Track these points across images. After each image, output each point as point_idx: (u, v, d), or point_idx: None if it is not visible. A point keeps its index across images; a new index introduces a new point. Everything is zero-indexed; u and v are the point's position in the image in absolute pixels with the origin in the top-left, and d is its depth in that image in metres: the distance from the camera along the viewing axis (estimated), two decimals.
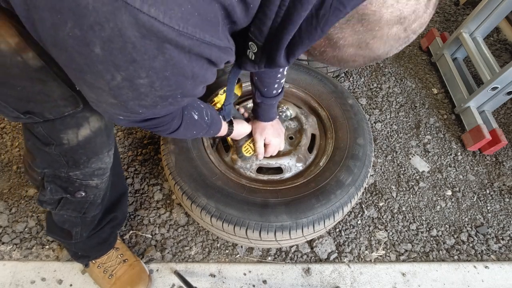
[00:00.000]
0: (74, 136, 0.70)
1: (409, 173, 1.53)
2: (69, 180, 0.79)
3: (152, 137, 1.54)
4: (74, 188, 0.81)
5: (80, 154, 0.74)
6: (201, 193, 1.02)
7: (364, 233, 1.33)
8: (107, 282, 1.10)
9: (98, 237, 1.05)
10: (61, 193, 0.81)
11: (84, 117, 0.70)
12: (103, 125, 0.75)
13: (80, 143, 0.72)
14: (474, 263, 1.30)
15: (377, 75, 1.90)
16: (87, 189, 0.83)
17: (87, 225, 0.98)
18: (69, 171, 0.77)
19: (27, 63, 0.56)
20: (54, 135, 0.69)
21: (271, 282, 1.19)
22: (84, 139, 0.72)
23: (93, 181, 0.82)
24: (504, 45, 2.14)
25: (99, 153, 0.78)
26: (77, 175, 0.79)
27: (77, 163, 0.76)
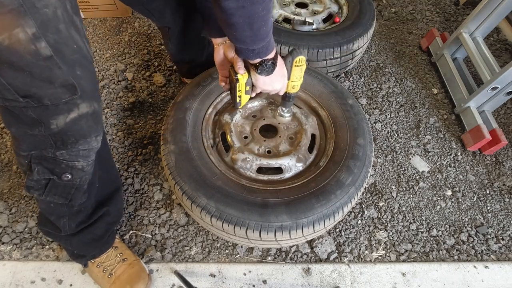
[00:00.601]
0: (63, 120, 0.74)
1: (409, 173, 1.53)
2: (56, 161, 0.82)
3: (152, 137, 1.54)
4: (60, 170, 0.83)
5: (68, 135, 0.78)
6: (201, 193, 1.02)
7: (364, 233, 1.33)
8: (106, 281, 1.10)
9: (91, 233, 1.05)
10: (48, 174, 0.83)
11: (76, 103, 0.74)
12: (91, 111, 0.78)
13: (68, 125, 0.75)
14: (474, 263, 1.30)
15: (377, 75, 1.90)
16: (73, 172, 0.85)
17: (74, 214, 0.98)
18: (56, 150, 0.80)
19: (39, 51, 0.62)
20: (44, 119, 0.73)
21: (271, 282, 1.19)
22: (71, 121, 0.75)
23: (78, 163, 0.84)
24: (504, 45, 2.14)
25: (87, 136, 0.81)
26: (63, 155, 0.81)
27: (65, 143, 0.79)
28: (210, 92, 1.28)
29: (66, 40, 0.67)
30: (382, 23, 2.24)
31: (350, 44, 1.57)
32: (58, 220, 0.97)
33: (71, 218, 0.98)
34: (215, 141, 1.23)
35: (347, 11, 1.79)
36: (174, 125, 1.16)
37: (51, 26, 0.63)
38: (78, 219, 1.00)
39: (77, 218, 1.00)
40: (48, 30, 0.62)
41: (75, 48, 0.70)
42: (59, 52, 0.65)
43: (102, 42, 1.94)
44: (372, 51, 2.04)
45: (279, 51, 1.55)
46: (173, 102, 1.24)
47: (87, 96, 0.76)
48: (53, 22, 0.63)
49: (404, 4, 2.40)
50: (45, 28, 0.61)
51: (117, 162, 1.45)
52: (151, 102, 1.68)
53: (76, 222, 1.00)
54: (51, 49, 0.64)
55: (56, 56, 0.65)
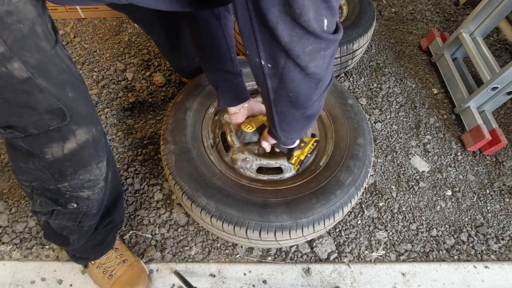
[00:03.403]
0: (60, 150, 0.67)
1: (409, 173, 1.53)
2: (59, 192, 0.76)
3: (152, 137, 1.54)
4: (64, 200, 0.78)
5: (66, 166, 0.71)
6: (201, 193, 1.02)
7: (364, 233, 1.33)
8: (106, 282, 1.10)
9: (94, 239, 1.04)
10: (52, 205, 0.78)
11: (70, 130, 0.66)
12: (91, 138, 0.71)
13: (66, 156, 0.69)
14: (474, 263, 1.30)
15: (377, 75, 1.90)
16: (79, 201, 0.80)
17: (84, 233, 0.96)
18: (57, 183, 0.74)
19: (12, 73, 0.53)
20: (37, 149, 0.66)
21: (271, 282, 1.19)
22: (70, 152, 0.69)
23: (84, 193, 0.79)
24: (504, 45, 2.14)
25: (87, 165, 0.75)
26: (66, 187, 0.75)
27: (63, 175, 0.72)
28: (210, 92, 1.28)
29: (52, 58, 0.59)
30: (382, 23, 2.24)
31: (350, 44, 1.57)
32: (69, 236, 0.95)
33: (81, 236, 0.96)
34: (215, 141, 1.23)
35: (347, 11, 1.79)
36: (174, 125, 1.16)
37: (28, 44, 0.54)
38: (87, 235, 0.99)
39: (86, 234, 0.98)
40: (24, 48, 0.53)
41: (64, 68, 0.62)
42: (44, 72, 0.57)
43: (102, 42, 1.94)
44: (372, 51, 2.04)
45: None
46: (173, 102, 1.24)
47: (83, 120, 0.68)
48: (31, 40, 0.54)
49: (404, 4, 2.40)
50: (20, 46, 0.52)
51: (117, 162, 1.45)
52: (151, 102, 1.68)
53: (86, 237, 0.99)
54: (31, 70, 0.55)
55: (40, 78, 0.57)
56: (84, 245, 1.03)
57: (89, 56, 1.86)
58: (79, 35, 1.97)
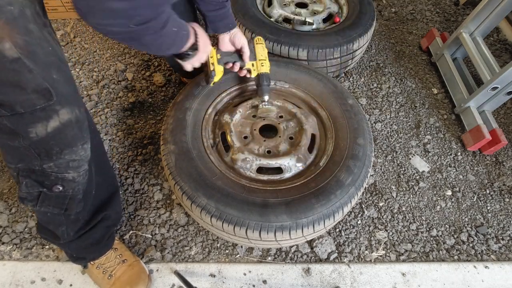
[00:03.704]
0: (43, 129, 0.69)
1: (409, 173, 1.53)
2: (44, 174, 0.78)
3: (152, 137, 1.54)
4: (50, 182, 0.79)
5: (51, 145, 0.73)
6: (201, 193, 1.02)
7: (364, 233, 1.33)
8: (106, 282, 1.09)
9: (90, 237, 1.03)
10: (38, 187, 0.80)
11: (54, 110, 0.69)
12: (74, 118, 0.74)
13: (50, 135, 0.71)
14: (474, 263, 1.30)
15: (377, 75, 1.90)
16: (64, 183, 0.81)
17: (71, 223, 0.96)
18: (42, 163, 0.75)
19: (3, 53, 0.56)
20: (21, 128, 0.68)
21: (271, 282, 1.19)
22: (53, 130, 0.71)
23: (69, 174, 0.80)
24: (504, 45, 2.14)
25: (73, 145, 0.77)
26: (51, 168, 0.77)
27: (49, 154, 0.74)
28: (210, 92, 1.28)
29: (39, 41, 0.62)
30: (382, 23, 2.24)
31: (350, 44, 1.57)
32: (56, 229, 0.95)
33: (69, 226, 0.96)
34: (215, 141, 1.23)
35: (347, 11, 1.79)
36: (174, 125, 1.16)
37: (18, 26, 0.57)
38: (76, 226, 0.98)
39: (75, 226, 0.98)
40: (14, 30, 0.56)
41: (50, 50, 0.65)
42: (31, 54, 0.60)
43: (102, 42, 1.94)
44: (372, 51, 2.04)
45: (279, 51, 1.55)
46: (173, 102, 1.24)
47: (66, 101, 0.71)
48: (21, 22, 0.58)
49: (404, 4, 2.40)
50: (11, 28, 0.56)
51: (117, 162, 1.45)
52: (151, 102, 1.68)
53: (75, 229, 0.98)
54: (20, 50, 0.58)
55: (27, 59, 0.59)
56: (81, 241, 1.02)
57: (89, 56, 1.86)
58: (79, 35, 1.97)
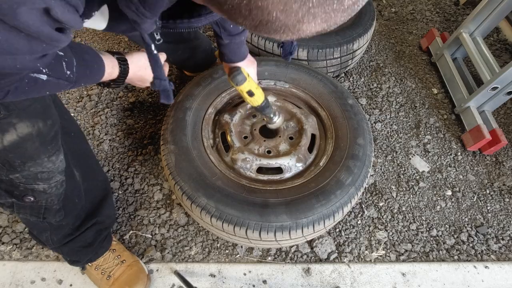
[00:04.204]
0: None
1: (409, 173, 1.53)
2: (13, 184, 0.75)
3: (152, 137, 1.54)
4: (20, 192, 0.77)
5: (11, 157, 0.70)
6: (201, 193, 1.02)
7: (364, 233, 1.33)
8: (105, 283, 1.09)
9: (80, 241, 1.02)
10: (7, 197, 0.77)
11: (10, 123, 0.66)
12: (35, 132, 0.71)
13: (7, 148, 0.68)
14: (474, 263, 1.30)
15: (377, 75, 1.90)
16: (35, 194, 0.78)
17: (55, 229, 0.94)
18: (8, 174, 0.73)
19: None
20: None
21: (271, 282, 1.19)
22: (10, 144, 0.68)
23: (38, 186, 0.78)
24: (504, 45, 2.14)
25: (35, 158, 0.73)
26: (19, 178, 0.74)
27: (12, 166, 0.72)
28: (210, 92, 1.28)
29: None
30: (382, 23, 2.24)
31: (350, 44, 1.57)
32: (41, 235, 0.94)
33: (53, 232, 0.94)
34: (215, 141, 1.23)
35: None
36: (174, 125, 1.16)
37: None
38: (61, 233, 0.96)
39: (60, 232, 0.96)
40: None
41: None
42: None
43: (102, 42, 1.94)
44: (372, 51, 2.04)
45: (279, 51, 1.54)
46: (173, 102, 1.24)
47: (26, 114, 0.67)
48: None
49: (404, 4, 2.40)
50: None
51: (117, 162, 1.45)
52: (151, 102, 1.68)
53: (59, 236, 0.97)
54: None
55: None
56: (69, 246, 1.01)
57: None
58: (79, 35, 1.97)
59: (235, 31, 0.93)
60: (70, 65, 0.62)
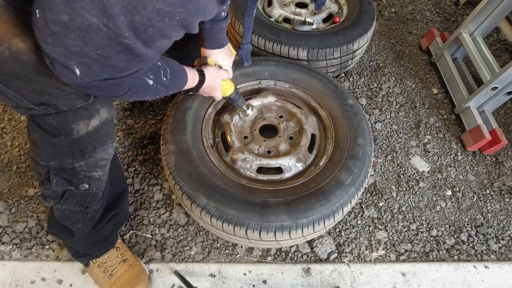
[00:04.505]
0: (85, 127, 0.74)
1: (409, 173, 1.53)
2: (74, 172, 0.82)
3: (152, 137, 1.54)
4: (78, 180, 0.83)
5: (87, 143, 0.78)
6: (201, 193, 1.02)
7: (364, 233, 1.33)
8: (107, 282, 1.10)
9: (99, 234, 1.06)
10: (66, 185, 0.84)
11: (95, 109, 0.74)
12: (110, 117, 0.79)
13: (89, 133, 0.76)
14: (474, 263, 1.30)
15: (377, 75, 1.90)
16: (90, 181, 0.85)
17: (88, 220, 0.99)
18: (74, 162, 0.80)
19: (42, 60, 0.60)
20: (66, 126, 0.73)
21: (271, 282, 1.19)
22: (93, 129, 0.76)
23: (96, 173, 0.85)
24: (504, 45, 2.14)
25: (104, 143, 0.81)
26: (82, 167, 0.81)
27: (83, 152, 0.79)
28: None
29: None
30: (382, 23, 2.24)
31: (350, 44, 1.57)
32: (72, 226, 0.98)
33: (85, 223, 0.99)
34: (215, 141, 1.23)
35: (347, 11, 1.79)
36: (174, 125, 1.16)
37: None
38: (91, 224, 1.01)
39: (91, 223, 1.01)
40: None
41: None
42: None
43: None
44: (372, 51, 2.04)
45: (279, 51, 1.55)
46: (173, 102, 1.24)
47: (105, 100, 0.75)
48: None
49: (404, 4, 2.40)
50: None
51: None
52: (151, 102, 1.68)
53: (90, 227, 1.01)
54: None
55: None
56: (90, 238, 1.04)
57: None
58: None
59: (217, 17, 0.96)
60: (165, 73, 0.76)
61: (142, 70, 0.68)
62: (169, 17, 0.50)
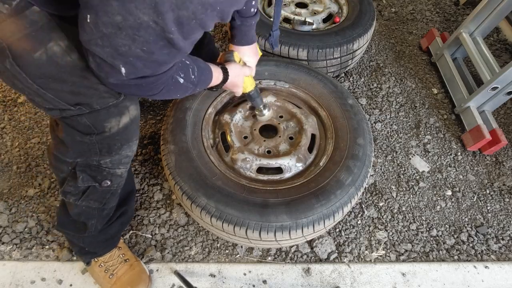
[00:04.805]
0: (116, 124, 0.77)
1: (409, 173, 1.53)
2: (99, 169, 0.85)
3: (152, 137, 1.54)
4: (102, 177, 0.86)
5: (116, 140, 0.81)
6: (201, 193, 1.02)
7: (364, 233, 1.33)
8: (107, 281, 1.10)
9: (106, 233, 1.07)
10: (91, 181, 0.86)
11: (125, 106, 0.77)
12: (137, 114, 0.82)
13: (120, 130, 0.79)
14: (474, 263, 1.30)
15: (377, 75, 1.90)
16: (113, 178, 0.88)
17: (103, 217, 1.01)
18: (100, 159, 0.82)
19: (76, 62, 0.64)
20: (99, 124, 0.75)
21: (271, 282, 1.19)
22: (124, 126, 0.79)
23: (119, 170, 0.88)
24: (504, 45, 2.14)
25: (130, 140, 0.84)
26: (107, 163, 0.84)
27: (111, 149, 0.81)
28: (210, 92, 1.28)
29: None
30: (382, 23, 2.24)
31: (350, 44, 1.57)
32: (87, 222, 0.99)
33: (99, 220, 1.01)
34: (215, 141, 1.23)
35: (347, 11, 1.79)
36: (174, 125, 1.16)
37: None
38: (104, 221, 1.03)
39: (104, 220, 1.02)
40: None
41: None
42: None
43: None
44: (372, 51, 2.04)
45: (279, 51, 1.55)
46: (173, 102, 1.24)
47: (132, 98, 0.79)
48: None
49: (404, 4, 2.40)
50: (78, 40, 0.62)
51: None
52: (151, 102, 1.68)
53: (103, 223, 1.03)
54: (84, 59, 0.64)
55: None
56: (98, 236, 1.05)
57: None
58: None
59: (247, 14, 0.99)
60: (193, 71, 0.78)
61: (174, 69, 0.70)
62: (211, 8, 0.53)
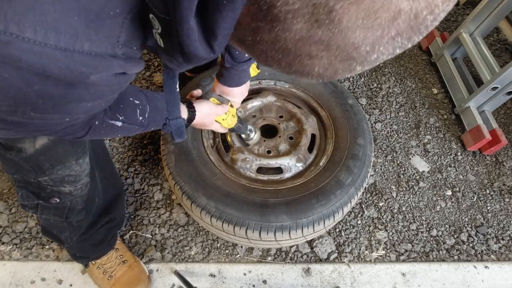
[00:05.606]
0: (31, 146, 0.69)
1: (409, 173, 1.53)
2: (40, 186, 0.77)
3: (152, 137, 1.54)
4: (46, 194, 0.79)
5: (42, 161, 0.72)
6: (201, 193, 1.02)
7: (364, 233, 1.33)
8: (106, 283, 1.09)
9: (92, 239, 1.04)
10: (34, 198, 0.80)
11: None
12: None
13: (39, 151, 0.70)
14: (474, 263, 1.30)
15: (377, 75, 1.90)
16: (61, 195, 0.81)
17: (75, 229, 0.96)
18: (37, 176, 0.75)
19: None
20: (10, 144, 0.68)
21: (271, 282, 1.19)
22: (41, 147, 0.70)
23: (65, 188, 0.79)
24: (504, 45, 2.14)
25: (64, 161, 0.75)
26: (47, 181, 0.76)
27: (42, 169, 0.74)
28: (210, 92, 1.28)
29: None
30: None
31: None
32: (60, 234, 0.96)
33: (72, 232, 0.97)
34: (215, 141, 1.23)
35: None
36: None
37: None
38: (79, 232, 0.99)
39: (78, 231, 0.98)
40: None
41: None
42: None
43: None
44: None
45: None
46: None
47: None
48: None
49: None
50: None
51: (117, 162, 1.45)
52: None
53: (77, 235, 0.99)
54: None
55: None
56: (83, 243, 1.02)
57: None
58: None
59: (240, 59, 0.85)
60: (143, 112, 0.67)
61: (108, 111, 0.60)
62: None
